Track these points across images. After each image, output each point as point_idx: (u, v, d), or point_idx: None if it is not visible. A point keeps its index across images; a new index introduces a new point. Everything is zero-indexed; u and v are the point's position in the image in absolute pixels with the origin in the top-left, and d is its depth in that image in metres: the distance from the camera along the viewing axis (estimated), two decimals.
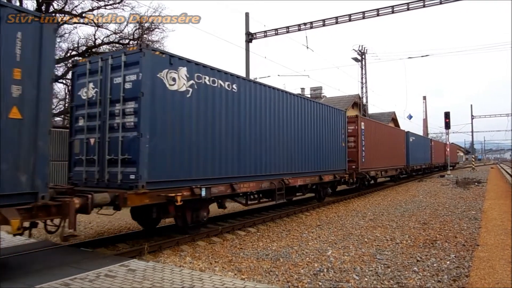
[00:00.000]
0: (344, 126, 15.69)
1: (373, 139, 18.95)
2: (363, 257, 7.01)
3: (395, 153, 23.61)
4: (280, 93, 11.26)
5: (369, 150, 18.08)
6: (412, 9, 17.58)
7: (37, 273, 5.52)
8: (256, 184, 9.95)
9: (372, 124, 19.57)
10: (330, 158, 14.25)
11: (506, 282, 5.51)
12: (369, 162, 18.03)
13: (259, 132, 10.15)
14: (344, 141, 15.47)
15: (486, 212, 12.11)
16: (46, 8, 18.81)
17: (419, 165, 31.25)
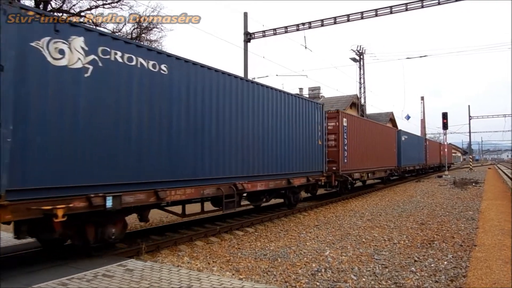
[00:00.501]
0: (322, 122, 13.72)
1: (358, 137, 17.33)
2: (361, 257, 7.02)
3: (385, 153, 21.89)
4: (232, 80, 9.32)
5: (352, 150, 16.36)
6: (411, 10, 17.60)
7: (35, 273, 5.51)
8: (195, 191, 8.01)
9: (356, 121, 17.83)
10: (303, 158, 12.38)
11: (503, 282, 5.53)
12: (352, 163, 16.29)
13: (201, 126, 8.21)
14: (321, 139, 13.62)
15: (483, 213, 12.14)
16: (44, 7, 18.75)
17: (412, 166, 29.55)
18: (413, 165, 29.67)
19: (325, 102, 35.03)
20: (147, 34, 23.44)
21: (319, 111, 13.68)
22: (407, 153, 26.66)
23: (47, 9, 18.90)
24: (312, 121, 13.09)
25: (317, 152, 13.38)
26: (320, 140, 13.55)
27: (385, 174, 22.17)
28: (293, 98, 12.09)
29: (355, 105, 36.23)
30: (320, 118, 13.64)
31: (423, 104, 61.16)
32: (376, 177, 21.05)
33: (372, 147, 19.41)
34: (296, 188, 12.42)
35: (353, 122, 16.95)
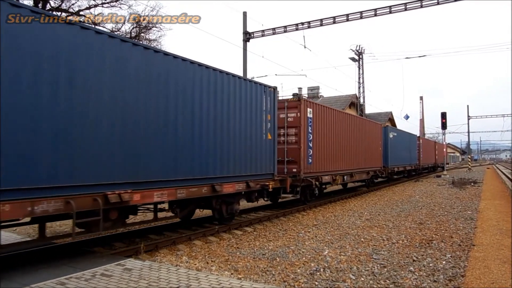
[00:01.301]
0: (272, 110, 10.68)
1: (329, 132, 14.45)
2: (359, 256, 7.02)
3: (368, 152, 19.03)
4: (127, 48, 6.68)
5: (321, 147, 13.54)
6: (410, 9, 17.59)
7: (33, 272, 5.51)
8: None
9: (327, 113, 14.45)
10: (240, 157, 9.36)
11: (501, 282, 5.55)
12: (320, 164, 13.49)
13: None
14: (271, 133, 10.61)
15: (482, 212, 12.17)
16: (43, 6, 18.72)
17: (403, 167, 26.37)
18: (404, 165, 26.63)
19: (324, 101, 35.08)
20: (146, 34, 23.44)
21: (269, 96, 10.53)
22: (396, 152, 23.97)
23: (46, 8, 18.87)
24: (257, 110, 10.00)
25: (264, 149, 10.26)
26: (270, 134, 10.52)
27: (367, 176, 19.38)
28: (224, 75, 8.91)
29: (354, 105, 36.25)
30: (270, 106, 10.54)
31: (422, 104, 61.31)
32: (356, 180, 18.11)
33: (350, 145, 16.55)
34: (228, 197, 9.34)
35: (322, 114, 13.95)
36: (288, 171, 12.20)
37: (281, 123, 12.27)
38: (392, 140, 23.25)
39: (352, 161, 16.70)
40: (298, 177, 12.12)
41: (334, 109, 15.80)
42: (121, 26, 22.05)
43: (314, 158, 13.06)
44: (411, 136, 30.58)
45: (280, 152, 11.91)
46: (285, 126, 12.45)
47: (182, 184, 7.69)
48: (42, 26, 5.50)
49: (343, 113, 16.70)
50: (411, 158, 29.11)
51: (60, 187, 5.59)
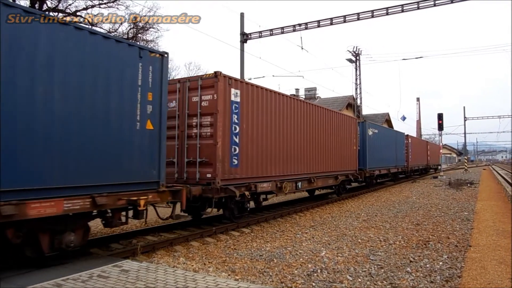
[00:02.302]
0: (158, 87, 7.13)
1: (272, 123, 10.78)
2: (356, 257, 7.03)
3: (337, 151, 15.43)
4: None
5: (255, 144, 10.05)
6: (407, 11, 17.70)
7: (29, 273, 5.48)
8: None
9: (267, 97, 10.61)
10: (79, 156, 5.87)
11: (497, 282, 5.57)
12: (253, 166, 9.98)
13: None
14: (156, 121, 7.07)
15: (478, 213, 12.22)
16: (40, 6, 18.67)
17: (386, 169, 22.48)
18: (387, 167, 22.81)
19: (321, 102, 35.15)
20: (143, 34, 23.40)
21: (152, 65, 7.00)
22: (376, 152, 20.36)
23: (43, 8, 18.82)
24: (122, 83, 6.54)
25: (138, 145, 6.79)
26: (151, 123, 6.96)
27: (335, 181, 15.50)
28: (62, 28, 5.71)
29: (351, 106, 36.33)
30: (153, 80, 7.03)
31: (419, 105, 61.58)
32: (318, 186, 14.22)
33: (308, 142, 12.99)
34: (49, 223, 5.63)
35: (259, 99, 10.28)
36: (201, 176, 8.88)
37: (193, 109, 9.18)
38: (372, 138, 19.65)
39: (310, 163, 13.13)
40: (212, 185, 8.60)
41: (279, 93, 11.44)
42: (118, 27, 22.03)
43: (243, 159, 9.57)
44: (398, 134, 26.99)
45: (191, 150, 9.15)
46: (197, 113, 9.09)
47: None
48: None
49: (296, 100, 12.70)
50: (398, 159, 25.41)
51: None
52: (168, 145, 8.30)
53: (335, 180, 15.55)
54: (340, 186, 16.66)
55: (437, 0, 16.87)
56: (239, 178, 9.49)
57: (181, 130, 9.39)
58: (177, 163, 9.33)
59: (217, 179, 8.69)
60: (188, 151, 9.23)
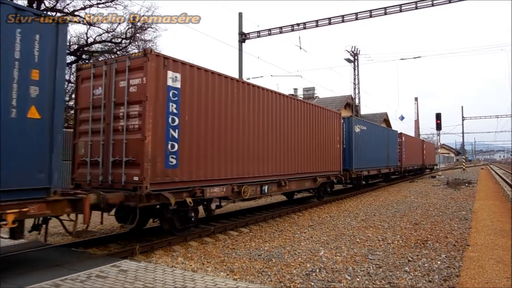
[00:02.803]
0: (52, 63, 5.70)
1: (227, 115, 9.12)
2: (355, 257, 7.04)
3: (316, 150, 13.60)
4: None
5: (203, 139, 8.38)
6: (405, 11, 17.70)
7: (28, 274, 5.47)
8: None
9: (219, 83, 8.90)
10: None
11: (495, 281, 5.59)
12: (201, 167, 8.29)
13: None
14: (40, 107, 5.55)
15: (476, 213, 12.24)
16: (38, 6, 18.63)
17: (376, 169, 20.84)
18: (377, 168, 21.13)
19: (320, 102, 35.17)
20: (141, 34, 23.39)
21: (38, 33, 5.52)
22: (365, 151, 18.76)
23: (41, 8, 18.78)
24: None
25: (14, 138, 5.25)
26: (36, 110, 5.49)
27: (314, 184, 13.64)
28: None
29: (350, 106, 36.37)
30: (43, 53, 5.57)
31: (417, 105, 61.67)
32: (291, 190, 12.59)
33: (277, 138, 11.22)
34: None
35: (210, 85, 8.61)
36: (128, 179, 7.16)
37: (121, 96, 7.43)
38: (359, 136, 17.99)
39: (281, 163, 11.38)
40: (139, 190, 6.91)
41: (237, 80, 9.84)
42: (116, 27, 22.02)
43: (185, 158, 7.84)
44: (390, 132, 25.24)
45: (118, 147, 7.37)
46: (125, 101, 7.34)
47: None
48: None
49: (261, 90, 10.56)
50: (389, 158, 23.61)
51: None
52: (93, 141, 7.71)
53: (314, 182, 13.61)
54: (321, 189, 14.88)
55: (435, 0, 16.90)
56: (178, 181, 7.67)
57: (107, 123, 7.59)
58: (103, 163, 7.57)
59: (145, 183, 6.88)
60: (114, 148, 7.45)
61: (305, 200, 15.61)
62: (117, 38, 22.34)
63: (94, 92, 7.87)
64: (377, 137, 21.31)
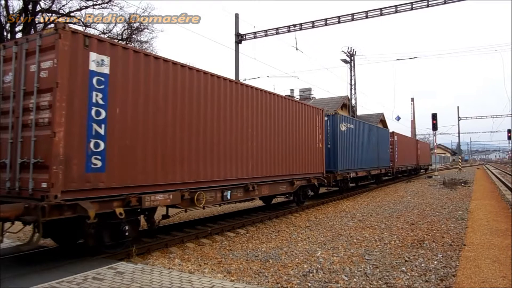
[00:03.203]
0: None
1: (176, 107, 7.75)
2: (352, 257, 7.05)
3: (294, 150, 12.21)
4: None
5: (142, 136, 7.00)
6: (400, 12, 17.77)
7: (24, 276, 5.44)
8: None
9: (163, 69, 7.49)
10: None
11: (491, 281, 5.60)
12: (138, 170, 6.90)
13: None
14: None
15: (472, 212, 12.29)
16: (33, 8, 18.56)
17: (365, 171, 19.55)
18: (366, 169, 19.89)
19: (316, 103, 35.23)
20: (137, 35, 23.36)
21: None
22: (352, 151, 17.57)
23: (36, 9, 18.71)
24: None
25: None
26: None
27: (292, 188, 12.22)
28: None
29: (346, 106, 36.46)
30: None
31: (413, 105, 61.86)
32: (264, 194, 10.97)
33: (245, 136, 9.84)
34: None
35: (153, 72, 7.24)
36: (36, 186, 5.79)
37: (31, 83, 6.04)
38: (345, 135, 16.65)
39: (249, 164, 9.88)
40: (45, 200, 5.51)
41: (189, 67, 8.21)
42: (112, 28, 21.97)
43: (114, 159, 6.45)
44: (381, 131, 23.69)
45: (26, 145, 6.01)
46: (34, 89, 5.97)
47: None
48: None
49: (221, 80, 9.10)
50: (380, 159, 22.38)
51: None
52: (1, 139, 6.33)
53: (291, 186, 12.11)
54: (300, 193, 13.40)
55: (430, 1, 16.97)
56: (105, 188, 6.27)
57: (16, 116, 6.18)
58: (11, 165, 6.12)
59: (53, 190, 5.50)
60: (22, 147, 6.06)
61: (285, 205, 14.19)
62: (113, 39, 22.29)
63: (4, 79, 6.46)
64: (366, 136, 20.11)
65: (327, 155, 15.13)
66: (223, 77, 9.27)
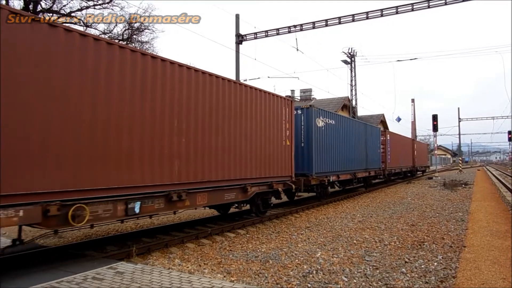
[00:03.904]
0: None
1: (58, 81, 5.57)
2: (352, 258, 7.04)
3: (247, 147, 9.87)
4: None
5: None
6: (401, 13, 17.79)
7: (23, 276, 5.45)
8: None
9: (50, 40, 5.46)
10: None
11: (491, 282, 5.60)
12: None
13: None
14: None
15: (472, 214, 12.28)
16: (34, 7, 18.58)
17: (349, 173, 16.89)
18: (351, 171, 17.18)
19: (317, 104, 35.22)
20: (138, 36, 23.38)
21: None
22: (332, 151, 15.09)
23: (37, 9, 18.73)
24: None
25: None
26: None
27: (245, 195, 9.82)
28: None
29: (347, 107, 36.44)
30: None
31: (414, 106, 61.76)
32: (197, 205, 8.37)
33: (177, 129, 7.67)
34: None
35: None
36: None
37: None
38: (323, 131, 14.20)
39: (175, 166, 7.55)
40: None
41: (80, 32, 6.08)
42: (113, 28, 22.00)
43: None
44: (370, 129, 20.91)
45: None
46: None
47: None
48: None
49: (124, 49, 6.72)
50: (370, 160, 20.03)
51: None
52: None
53: (243, 193, 9.68)
54: (258, 202, 10.80)
55: (431, 2, 16.99)
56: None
57: None
58: None
59: None
60: None
61: (237, 216, 11.62)
62: (114, 40, 22.31)
63: None
64: (352, 134, 17.63)
65: (299, 155, 12.94)
66: (130, 48, 7.13)
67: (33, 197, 5.25)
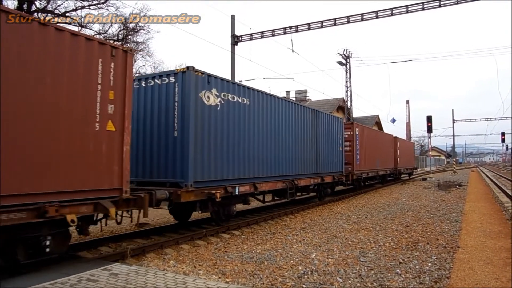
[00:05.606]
0: None
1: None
2: (347, 259, 7.06)
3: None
4: None
5: None
6: (396, 14, 17.88)
7: (15, 278, 5.39)
8: None
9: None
10: None
11: (485, 282, 5.65)
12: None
13: None
14: None
15: (466, 215, 12.36)
16: (28, 7, 18.46)
17: (278, 181, 11.56)
18: (285, 178, 11.95)
19: (312, 105, 35.29)
20: (133, 36, 23.31)
21: None
22: (241, 145, 9.85)
23: (31, 9, 18.61)
24: None
25: None
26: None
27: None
28: None
29: (342, 108, 36.55)
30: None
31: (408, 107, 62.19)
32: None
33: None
34: None
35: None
36: None
37: None
38: (220, 114, 9.14)
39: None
40: None
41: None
42: (108, 28, 21.92)
43: None
44: (326, 119, 15.50)
45: None
46: None
47: None
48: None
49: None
50: (323, 161, 14.95)
51: None
52: None
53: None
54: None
55: (426, 4, 17.09)
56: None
57: None
58: None
59: None
60: None
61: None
62: (109, 40, 22.22)
63: None
64: (288, 123, 12.28)
65: (164, 153, 8.57)
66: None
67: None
